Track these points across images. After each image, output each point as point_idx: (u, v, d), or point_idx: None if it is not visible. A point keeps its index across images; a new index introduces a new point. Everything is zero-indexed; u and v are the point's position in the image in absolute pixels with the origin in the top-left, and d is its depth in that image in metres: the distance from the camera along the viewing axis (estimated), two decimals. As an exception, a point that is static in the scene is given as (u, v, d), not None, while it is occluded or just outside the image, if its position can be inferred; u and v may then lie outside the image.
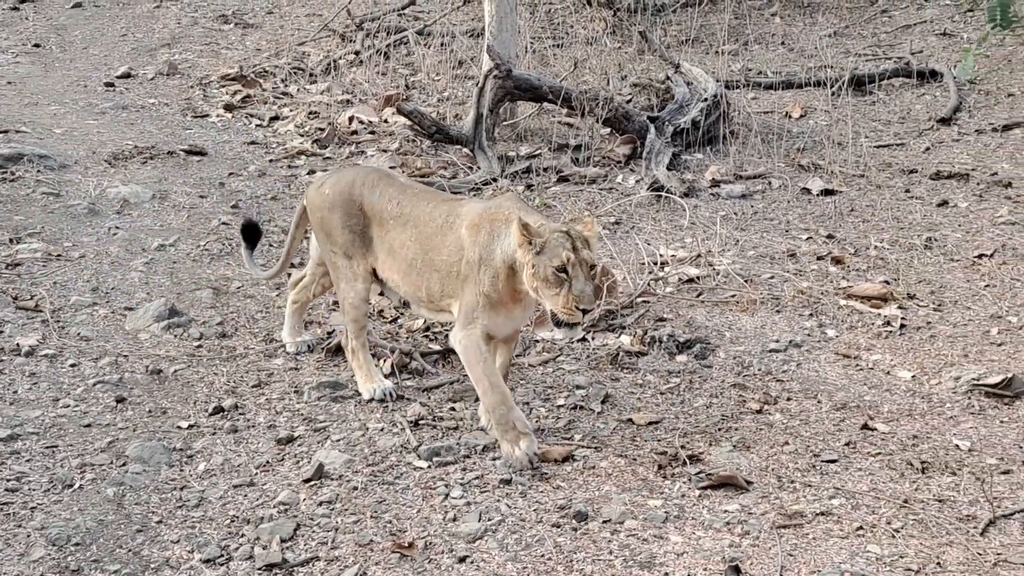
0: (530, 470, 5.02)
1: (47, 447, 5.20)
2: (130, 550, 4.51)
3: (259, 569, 4.43)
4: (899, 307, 6.85)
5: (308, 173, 8.95)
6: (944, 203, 8.67)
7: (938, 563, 4.47)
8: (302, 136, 9.76)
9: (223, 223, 7.87)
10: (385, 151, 9.35)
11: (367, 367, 5.70)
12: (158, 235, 7.68)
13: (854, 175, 9.23)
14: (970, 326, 6.64)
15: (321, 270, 6.01)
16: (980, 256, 7.64)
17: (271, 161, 9.26)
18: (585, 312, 4.78)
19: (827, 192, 8.81)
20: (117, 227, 7.80)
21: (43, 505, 4.77)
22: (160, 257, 7.36)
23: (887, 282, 7.14)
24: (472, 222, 5.17)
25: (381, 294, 5.91)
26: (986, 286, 7.17)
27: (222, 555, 4.51)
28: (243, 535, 4.63)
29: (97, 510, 4.75)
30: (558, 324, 4.83)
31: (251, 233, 6.26)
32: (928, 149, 10.01)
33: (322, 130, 9.80)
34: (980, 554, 4.53)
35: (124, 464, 5.08)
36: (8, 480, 4.93)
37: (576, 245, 4.79)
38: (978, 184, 9.08)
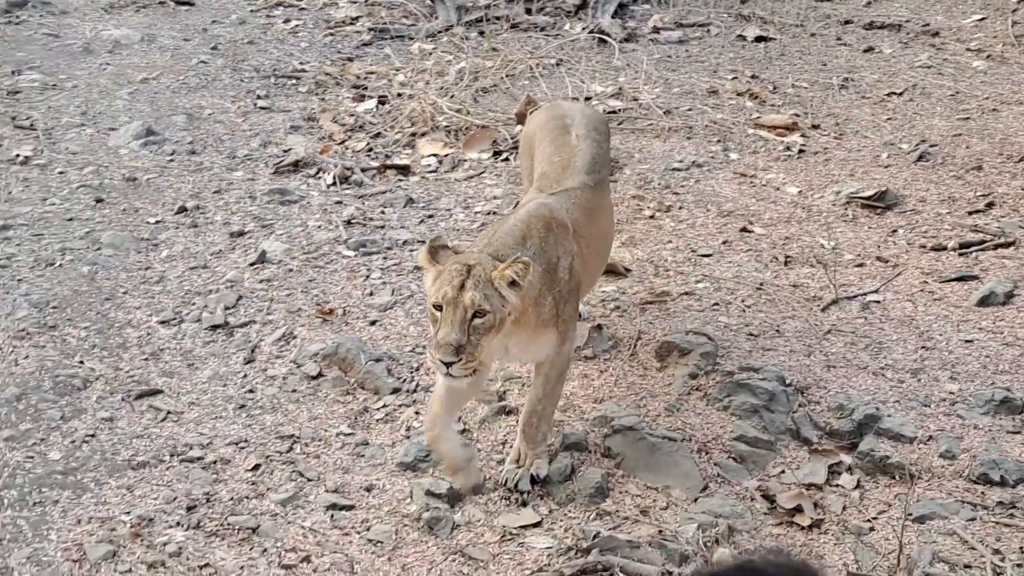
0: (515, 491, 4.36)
1: (34, 235, 6.12)
2: (99, 313, 5.45)
3: (205, 329, 5.36)
4: (802, 135, 7.57)
5: (284, 22, 9.69)
6: (870, 49, 9.30)
7: (777, 330, 5.33)
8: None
9: (202, 61, 8.68)
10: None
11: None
12: (143, 71, 8.48)
13: (792, 24, 9.84)
14: (863, 152, 7.37)
15: None
16: (890, 94, 8.31)
17: (252, 11, 10.00)
18: (448, 364, 3.85)
19: (761, 39, 9.46)
20: (107, 63, 8.64)
21: (28, 278, 5.71)
22: (143, 88, 8.18)
23: (796, 115, 7.85)
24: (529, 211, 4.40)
25: None
26: (888, 119, 7.88)
27: (175, 318, 5.45)
28: (194, 304, 5.56)
29: (73, 283, 5.68)
30: None
31: None
32: (869, 3, 10.58)
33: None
34: (816, 325, 5.38)
35: (99, 249, 5.99)
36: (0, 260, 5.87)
37: (465, 284, 3.87)
38: (908, 34, 9.70)
